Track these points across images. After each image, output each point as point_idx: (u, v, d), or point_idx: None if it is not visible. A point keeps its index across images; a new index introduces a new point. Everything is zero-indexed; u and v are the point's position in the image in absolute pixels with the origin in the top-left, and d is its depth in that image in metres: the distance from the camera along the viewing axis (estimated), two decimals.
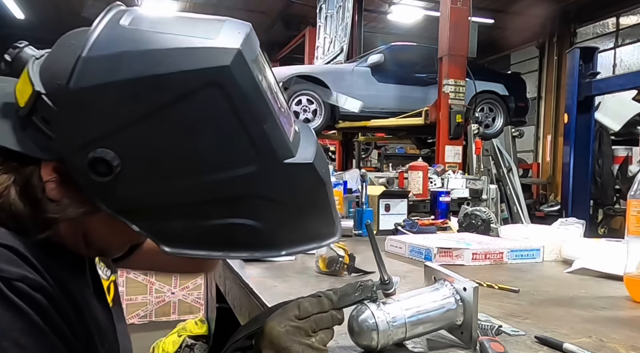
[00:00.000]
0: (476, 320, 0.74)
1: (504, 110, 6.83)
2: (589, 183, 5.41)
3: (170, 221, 0.58)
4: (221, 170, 0.57)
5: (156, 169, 0.56)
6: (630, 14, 9.49)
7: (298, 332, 0.64)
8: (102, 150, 0.54)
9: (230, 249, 0.62)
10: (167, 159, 0.56)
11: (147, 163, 0.55)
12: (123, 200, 0.57)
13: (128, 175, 0.55)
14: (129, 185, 0.56)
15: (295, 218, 0.63)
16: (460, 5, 5.66)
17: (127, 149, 0.55)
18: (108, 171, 0.54)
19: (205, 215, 0.58)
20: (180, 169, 0.56)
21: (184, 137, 0.55)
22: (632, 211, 1.04)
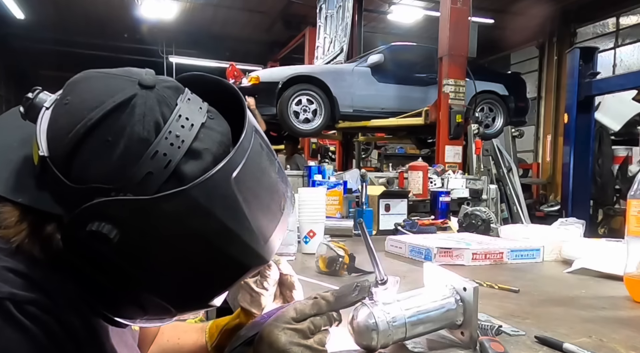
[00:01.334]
0: (476, 320, 0.74)
1: (504, 110, 6.82)
2: (589, 183, 5.41)
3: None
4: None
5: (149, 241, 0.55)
6: (630, 14, 9.48)
7: (296, 334, 0.64)
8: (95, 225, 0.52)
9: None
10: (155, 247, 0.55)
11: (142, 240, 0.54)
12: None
13: (125, 245, 0.53)
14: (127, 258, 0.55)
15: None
16: (460, 5, 5.66)
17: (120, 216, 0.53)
18: (105, 241, 0.53)
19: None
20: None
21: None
22: (632, 211, 1.04)
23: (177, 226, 0.53)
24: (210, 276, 0.60)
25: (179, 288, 0.59)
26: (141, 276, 0.56)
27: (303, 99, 6.13)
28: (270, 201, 0.62)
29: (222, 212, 0.54)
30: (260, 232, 0.60)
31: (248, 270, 0.63)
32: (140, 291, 0.58)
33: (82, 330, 0.58)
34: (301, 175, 3.10)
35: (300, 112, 6.11)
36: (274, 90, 5.89)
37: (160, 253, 0.55)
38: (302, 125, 6.16)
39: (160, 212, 0.52)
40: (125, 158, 0.52)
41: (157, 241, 0.54)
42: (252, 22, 11.50)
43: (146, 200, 0.51)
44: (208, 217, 0.54)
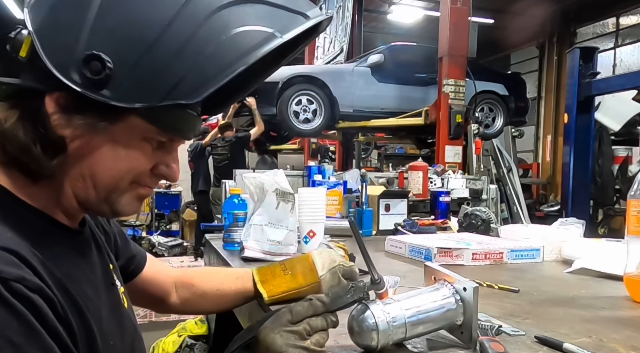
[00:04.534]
0: (476, 320, 0.74)
1: (504, 110, 6.82)
2: (589, 183, 5.41)
3: (179, 77, 0.60)
4: (184, 4, 0.60)
5: (136, 40, 0.59)
6: (630, 14, 9.48)
7: (293, 336, 0.64)
8: (87, 51, 0.58)
9: (239, 61, 0.62)
10: (137, 24, 0.59)
11: (125, 39, 0.59)
12: (131, 87, 0.59)
13: (121, 60, 0.58)
14: (126, 69, 0.58)
15: (269, 9, 0.65)
16: (460, 5, 5.66)
17: (104, 39, 0.58)
18: (102, 65, 0.57)
19: (199, 49, 0.60)
20: (152, 25, 0.59)
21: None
22: (632, 211, 1.04)
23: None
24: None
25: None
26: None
27: (303, 99, 6.13)
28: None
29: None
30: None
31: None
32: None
33: (70, 311, 0.58)
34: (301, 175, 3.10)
35: (300, 112, 6.11)
36: (274, 90, 5.89)
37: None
38: (302, 125, 6.16)
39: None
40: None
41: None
42: None
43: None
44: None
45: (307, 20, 0.66)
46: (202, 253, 4.72)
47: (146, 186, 0.70)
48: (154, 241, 7.43)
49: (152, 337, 3.04)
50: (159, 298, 1.01)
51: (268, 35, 0.63)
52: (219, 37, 0.61)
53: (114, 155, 0.64)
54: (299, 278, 0.98)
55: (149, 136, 0.65)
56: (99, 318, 0.64)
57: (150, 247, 7.26)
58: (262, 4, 0.65)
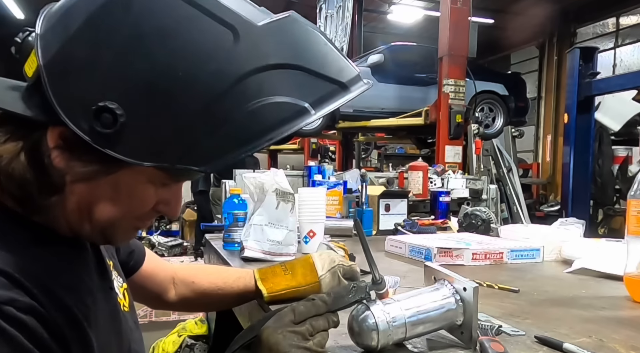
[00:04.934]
0: (476, 320, 0.74)
1: (504, 110, 6.83)
2: (589, 183, 5.40)
3: (195, 141, 0.56)
4: (207, 63, 0.55)
5: (154, 96, 0.54)
6: (630, 14, 9.48)
7: (295, 337, 0.64)
8: (100, 102, 0.54)
9: (262, 136, 0.58)
10: (157, 78, 0.54)
11: (143, 93, 0.54)
12: (141, 143, 0.55)
13: (134, 114, 0.54)
14: (139, 125, 0.55)
15: (305, 77, 0.60)
16: (460, 5, 5.66)
17: (120, 90, 0.54)
18: (114, 119, 0.54)
19: (220, 117, 0.56)
20: (174, 83, 0.54)
21: (157, 48, 0.54)
22: (632, 211, 1.04)
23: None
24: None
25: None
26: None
27: None
28: None
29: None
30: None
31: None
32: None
33: (66, 327, 0.57)
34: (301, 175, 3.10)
35: None
36: None
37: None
38: None
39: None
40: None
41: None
42: None
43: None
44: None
45: (345, 93, 0.62)
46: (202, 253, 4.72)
47: (145, 222, 0.68)
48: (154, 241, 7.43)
49: (152, 337, 3.04)
50: (156, 294, 1.01)
51: (299, 110, 0.58)
52: (245, 105, 0.56)
53: (115, 198, 0.62)
54: (299, 277, 0.98)
55: (155, 180, 0.63)
56: (96, 328, 0.63)
57: (150, 247, 7.24)
58: (300, 71, 0.59)
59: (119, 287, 0.79)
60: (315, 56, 0.61)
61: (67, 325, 0.57)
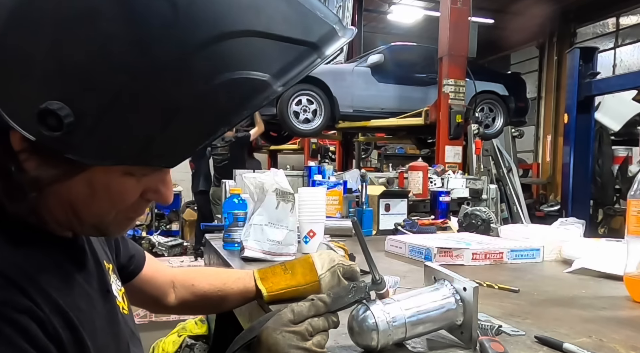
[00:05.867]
0: (476, 320, 0.74)
1: (504, 110, 6.82)
2: (589, 183, 5.41)
3: (151, 136, 0.50)
4: (151, 43, 0.48)
5: (96, 88, 0.49)
6: (630, 14, 9.48)
7: (295, 337, 0.64)
8: (43, 103, 0.48)
9: (223, 119, 0.52)
10: (94, 66, 0.48)
11: (84, 85, 0.49)
12: (97, 142, 0.50)
13: (81, 111, 0.49)
14: (89, 122, 0.49)
15: (261, 42, 0.52)
16: (460, 5, 5.66)
17: (60, 85, 0.49)
18: (59, 120, 0.49)
19: (175, 104, 0.49)
20: (113, 71, 0.48)
21: (86, 31, 0.48)
22: (632, 211, 1.04)
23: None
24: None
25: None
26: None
27: (303, 99, 6.13)
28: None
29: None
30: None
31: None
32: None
33: (62, 329, 0.56)
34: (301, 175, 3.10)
35: (300, 112, 6.11)
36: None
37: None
38: (302, 125, 6.16)
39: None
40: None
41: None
42: None
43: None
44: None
45: (316, 53, 0.54)
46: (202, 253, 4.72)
47: (137, 211, 0.65)
48: (154, 241, 7.43)
49: (152, 337, 3.04)
50: (155, 298, 1.00)
51: (257, 85, 0.51)
52: (194, 89, 0.49)
53: (94, 195, 0.58)
54: (298, 277, 0.98)
55: (132, 171, 0.58)
56: (93, 331, 0.61)
57: (150, 247, 7.25)
58: (255, 37, 0.51)
59: (117, 290, 0.78)
60: (273, 14, 0.52)
61: (63, 327, 0.56)
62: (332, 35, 0.56)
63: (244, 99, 0.51)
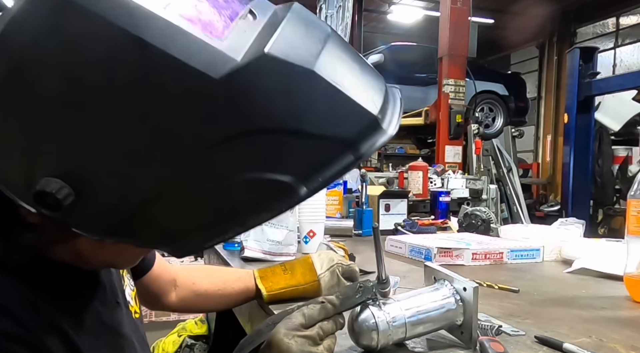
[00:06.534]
0: (476, 320, 0.74)
1: (504, 110, 6.83)
2: (589, 183, 5.41)
3: (156, 224, 0.47)
4: (169, 127, 0.42)
5: (101, 163, 0.44)
6: (630, 14, 9.48)
7: (307, 342, 0.62)
8: (39, 182, 0.44)
9: (240, 220, 0.47)
10: (97, 141, 0.43)
11: (87, 161, 0.44)
12: (99, 219, 0.47)
13: (82, 191, 0.45)
14: (91, 202, 0.45)
15: (289, 140, 0.44)
16: (460, 5, 5.67)
17: (57, 161, 0.44)
18: (57, 203, 0.44)
19: (185, 196, 0.45)
20: (125, 158, 0.43)
21: (90, 105, 0.42)
22: (632, 211, 1.04)
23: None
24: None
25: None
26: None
27: None
28: None
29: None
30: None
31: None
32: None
33: (60, 345, 0.54)
34: None
35: None
36: None
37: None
38: None
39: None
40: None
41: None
42: None
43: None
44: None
45: (350, 154, 0.45)
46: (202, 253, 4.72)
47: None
48: None
49: (152, 337, 3.04)
50: (157, 295, 1.01)
51: (282, 188, 0.45)
52: (214, 181, 0.44)
53: (102, 248, 0.55)
54: (298, 276, 0.99)
55: None
56: (97, 348, 0.60)
57: None
58: (279, 138, 0.43)
59: (130, 293, 0.77)
60: (306, 107, 0.44)
61: (58, 349, 0.54)
62: (374, 127, 0.47)
63: (262, 202, 0.45)
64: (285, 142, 0.43)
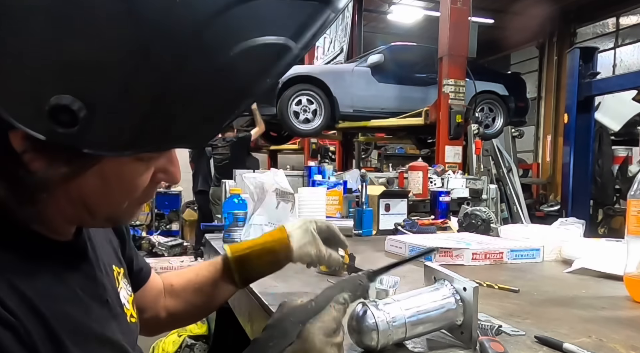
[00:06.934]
0: (476, 320, 0.74)
1: (504, 110, 6.82)
2: (589, 183, 5.40)
3: (171, 119, 0.49)
4: (163, 15, 0.45)
5: (109, 75, 0.46)
6: (630, 14, 9.48)
7: (339, 350, 0.64)
8: (52, 99, 0.45)
9: (245, 91, 0.50)
10: (106, 55, 0.45)
11: (96, 75, 0.46)
12: (115, 133, 0.48)
13: (95, 103, 0.46)
14: (105, 112, 0.46)
15: (274, 2, 0.49)
16: (460, 5, 5.66)
17: (67, 78, 0.45)
18: (72, 115, 0.46)
19: (188, 84, 0.47)
20: (129, 55, 0.45)
21: (94, 15, 0.44)
22: (632, 211, 1.04)
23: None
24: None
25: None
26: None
27: (303, 99, 6.13)
28: None
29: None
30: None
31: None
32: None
33: (39, 329, 0.53)
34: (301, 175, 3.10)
35: (300, 112, 6.11)
36: (274, 90, 5.89)
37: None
38: (302, 125, 6.16)
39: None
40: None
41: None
42: None
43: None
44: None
45: (328, 8, 0.50)
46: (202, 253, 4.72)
47: (148, 195, 0.63)
48: (154, 241, 7.42)
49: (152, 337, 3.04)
50: (149, 315, 0.93)
51: (278, 50, 0.49)
52: (213, 62, 0.47)
53: (107, 187, 0.56)
54: (265, 237, 0.95)
55: (140, 156, 0.56)
56: (82, 338, 0.58)
57: (150, 247, 7.26)
58: (265, 1, 0.48)
59: (127, 296, 0.74)
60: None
61: (39, 333, 0.53)
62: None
63: (265, 67, 0.49)
64: (269, 6, 0.48)
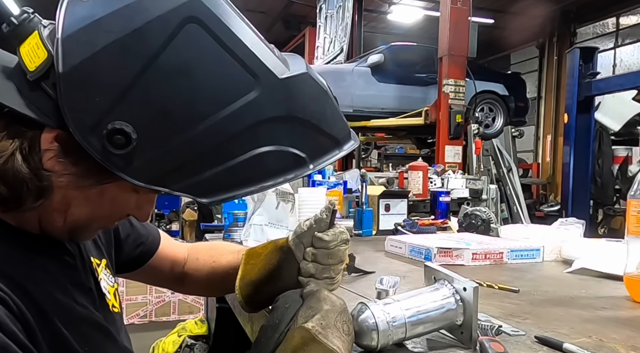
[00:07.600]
0: (476, 320, 0.74)
1: (504, 110, 6.83)
2: (589, 183, 5.41)
3: (200, 172, 0.58)
4: (227, 104, 0.57)
5: (169, 125, 0.56)
6: (630, 14, 9.49)
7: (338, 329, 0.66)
8: (115, 123, 0.54)
9: (262, 180, 0.61)
10: (176, 109, 0.55)
11: (159, 121, 0.55)
12: (148, 167, 0.57)
13: (146, 139, 0.55)
14: (149, 150, 0.56)
15: (310, 131, 0.63)
16: (460, 5, 5.66)
17: (136, 114, 0.55)
18: (127, 141, 0.54)
19: (229, 155, 0.58)
20: (191, 116, 0.56)
21: (182, 81, 0.55)
22: (632, 211, 1.04)
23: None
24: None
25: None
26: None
27: None
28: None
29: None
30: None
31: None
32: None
33: (29, 305, 0.57)
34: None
35: None
36: None
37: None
38: None
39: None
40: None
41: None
42: (252, 22, 11.32)
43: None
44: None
45: (338, 150, 0.66)
46: None
47: (114, 223, 0.71)
48: None
49: (152, 337, 3.04)
50: (172, 277, 1.00)
51: (299, 161, 0.62)
52: (253, 149, 0.59)
53: (98, 203, 0.63)
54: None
55: (139, 189, 0.62)
56: (71, 320, 0.62)
57: None
58: (307, 125, 0.62)
59: (107, 287, 0.77)
60: (322, 112, 0.65)
61: (29, 309, 0.57)
62: (348, 138, 0.69)
63: (285, 169, 0.62)
64: (307, 130, 0.63)
